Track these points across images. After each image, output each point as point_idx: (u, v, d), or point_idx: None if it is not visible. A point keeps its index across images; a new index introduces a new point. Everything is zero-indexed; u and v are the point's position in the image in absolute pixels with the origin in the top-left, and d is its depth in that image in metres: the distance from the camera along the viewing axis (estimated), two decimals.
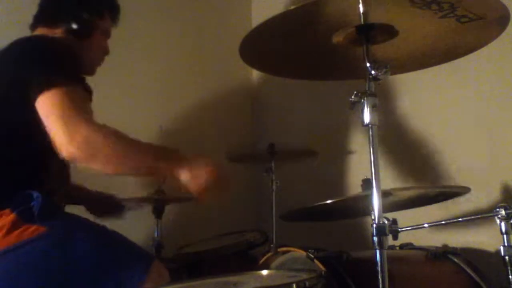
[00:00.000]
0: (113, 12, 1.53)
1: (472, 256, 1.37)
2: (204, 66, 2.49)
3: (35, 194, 1.15)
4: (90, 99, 1.30)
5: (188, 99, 2.40)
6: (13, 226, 1.11)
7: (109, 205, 1.70)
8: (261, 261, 1.46)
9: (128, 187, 1.97)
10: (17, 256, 1.11)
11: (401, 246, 1.42)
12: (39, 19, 1.45)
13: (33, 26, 1.45)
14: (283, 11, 0.93)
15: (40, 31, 1.42)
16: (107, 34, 1.53)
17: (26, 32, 1.46)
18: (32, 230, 1.12)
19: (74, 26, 1.40)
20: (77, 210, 1.32)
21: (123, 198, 1.85)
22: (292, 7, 0.91)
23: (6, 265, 1.10)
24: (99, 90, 1.39)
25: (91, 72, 1.48)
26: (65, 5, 1.45)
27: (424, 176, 1.82)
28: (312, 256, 1.20)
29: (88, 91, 1.30)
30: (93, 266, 1.14)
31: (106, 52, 1.53)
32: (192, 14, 2.49)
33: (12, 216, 1.12)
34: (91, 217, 1.32)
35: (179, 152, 1.24)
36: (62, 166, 1.33)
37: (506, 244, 1.01)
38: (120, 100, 2.11)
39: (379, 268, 0.91)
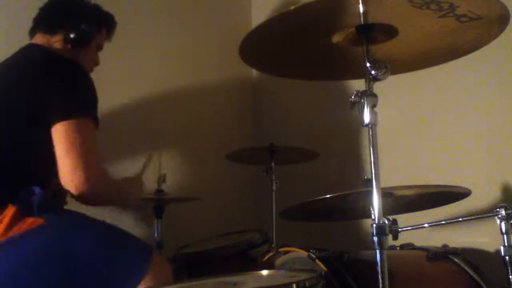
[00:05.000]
0: (110, 29, 1.61)
1: (472, 256, 1.37)
2: (204, 66, 2.50)
3: (37, 189, 1.17)
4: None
5: (188, 99, 2.40)
6: (13, 219, 1.12)
7: None
8: (262, 261, 1.46)
9: None
10: (17, 247, 1.12)
11: (402, 246, 1.42)
12: (39, 26, 1.48)
13: (33, 32, 1.48)
14: (283, 11, 0.93)
15: (39, 37, 1.46)
16: (100, 48, 1.60)
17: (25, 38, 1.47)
18: (30, 222, 1.13)
19: (73, 36, 1.45)
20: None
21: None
22: (292, 7, 0.91)
23: (6, 257, 1.11)
24: (99, 88, 1.39)
25: None
26: (67, 14, 1.49)
27: (424, 176, 1.82)
28: (314, 256, 1.20)
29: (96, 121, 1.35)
30: (94, 258, 1.15)
31: (97, 63, 1.60)
32: (192, 14, 2.50)
33: (12, 209, 1.13)
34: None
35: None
36: None
37: (506, 244, 1.01)
38: (120, 100, 2.11)
39: (379, 268, 0.91)
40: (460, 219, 1.20)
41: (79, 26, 1.47)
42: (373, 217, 0.94)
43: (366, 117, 0.96)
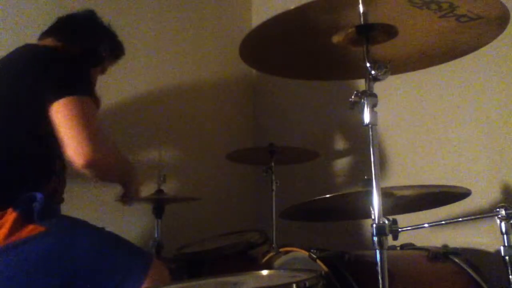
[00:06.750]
0: (118, 57, 1.63)
1: (472, 256, 1.37)
2: (204, 66, 2.50)
3: (39, 195, 1.17)
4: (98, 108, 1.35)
5: (188, 99, 2.40)
6: (14, 225, 1.12)
7: None
8: (262, 261, 1.46)
9: None
10: (17, 254, 1.11)
11: (402, 247, 1.42)
12: (54, 32, 1.47)
13: (44, 36, 1.46)
14: (283, 11, 0.93)
15: (49, 41, 1.44)
16: (103, 71, 1.60)
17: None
18: (31, 228, 1.13)
19: (87, 54, 1.45)
20: (75, 212, 1.32)
21: None
22: (292, 7, 0.91)
23: (6, 262, 1.11)
24: (98, 88, 1.39)
25: None
26: (86, 31, 1.50)
27: (424, 176, 1.82)
28: (315, 256, 1.20)
29: (97, 102, 1.34)
30: (93, 266, 1.15)
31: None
32: (192, 14, 2.50)
33: (14, 215, 1.13)
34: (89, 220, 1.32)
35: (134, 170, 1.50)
36: (62, 166, 1.35)
37: (506, 244, 1.01)
38: (119, 100, 2.11)
39: (379, 268, 0.91)
40: (460, 219, 1.20)
41: (96, 47, 1.48)
42: (373, 217, 0.94)
43: (366, 117, 0.96)
